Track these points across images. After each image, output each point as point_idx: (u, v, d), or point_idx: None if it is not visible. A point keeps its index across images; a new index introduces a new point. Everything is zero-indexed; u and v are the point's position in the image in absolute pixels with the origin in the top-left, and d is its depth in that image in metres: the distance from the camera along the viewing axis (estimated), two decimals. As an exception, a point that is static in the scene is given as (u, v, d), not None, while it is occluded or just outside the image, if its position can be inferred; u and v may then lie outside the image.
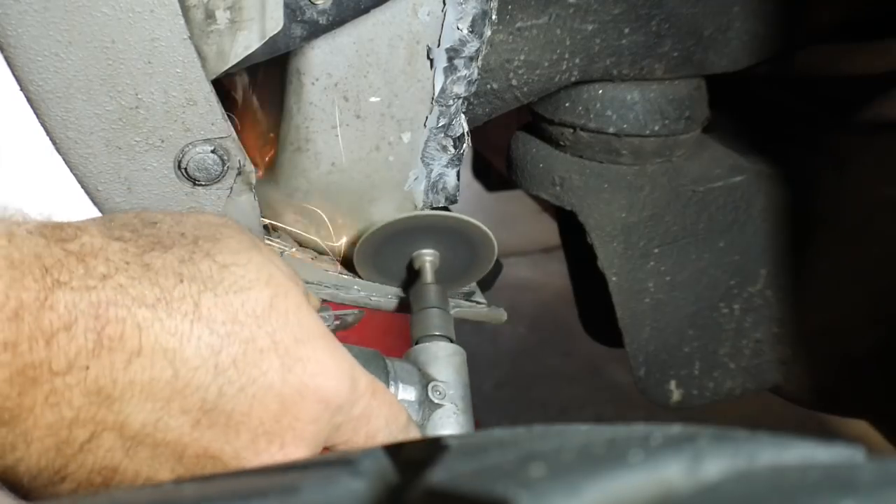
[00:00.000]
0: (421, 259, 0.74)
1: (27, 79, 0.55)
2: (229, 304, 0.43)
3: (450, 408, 0.60)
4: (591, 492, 0.24)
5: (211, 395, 0.42)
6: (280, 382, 0.44)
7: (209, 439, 0.42)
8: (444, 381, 0.61)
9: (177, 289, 0.42)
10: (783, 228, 0.90)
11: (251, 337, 0.43)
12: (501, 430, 0.32)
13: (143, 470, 0.42)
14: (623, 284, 0.86)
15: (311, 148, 0.68)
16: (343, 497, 0.28)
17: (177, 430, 0.41)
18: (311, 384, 0.45)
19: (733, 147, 0.90)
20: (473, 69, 0.67)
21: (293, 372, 0.44)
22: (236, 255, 0.45)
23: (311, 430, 0.45)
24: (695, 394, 0.95)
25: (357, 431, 0.49)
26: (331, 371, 0.46)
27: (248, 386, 0.43)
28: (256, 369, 0.43)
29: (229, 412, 0.42)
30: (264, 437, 0.44)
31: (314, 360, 0.45)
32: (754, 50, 0.79)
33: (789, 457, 0.27)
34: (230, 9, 0.57)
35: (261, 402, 0.43)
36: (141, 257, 0.42)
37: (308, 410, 0.45)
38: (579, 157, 0.82)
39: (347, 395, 0.47)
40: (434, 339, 0.65)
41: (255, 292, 0.44)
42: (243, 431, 0.43)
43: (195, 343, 0.41)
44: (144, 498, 0.32)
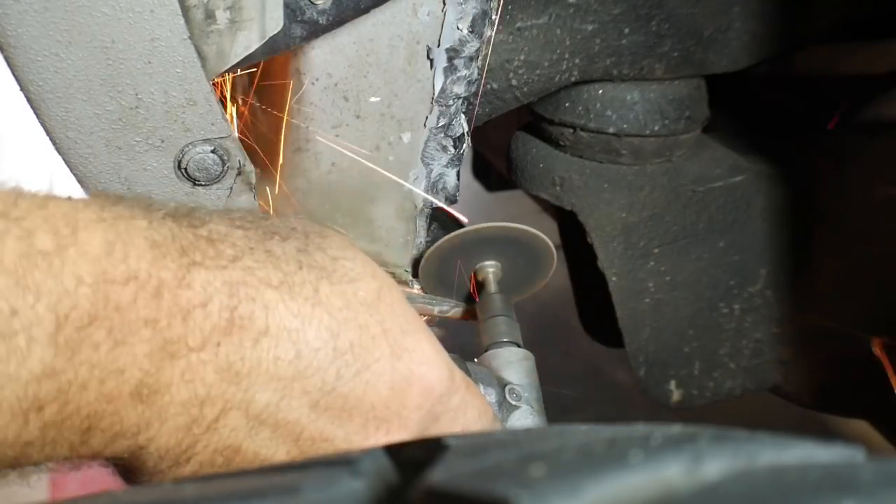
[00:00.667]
0: (484, 271, 0.76)
1: (27, 79, 0.55)
2: (343, 292, 0.44)
3: (526, 409, 0.62)
4: (591, 492, 0.24)
5: (329, 378, 0.43)
6: (390, 369, 0.45)
7: (325, 422, 0.43)
8: (519, 384, 0.63)
9: (297, 274, 0.43)
10: (783, 228, 0.90)
11: (365, 324, 0.45)
12: (501, 430, 0.32)
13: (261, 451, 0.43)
14: (623, 284, 0.86)
15: (311, 148, 0.68)
16: (343, 497, 0.28)
17: (297, 411, 0.42)
18: (417, 372, 0.46)
19: (733, 147, 0.90)
20: (473, 69, 0.67)
21: (402, 360, 0.46)
22: (344, 250, 0.47)
23: (415, 417, 0.46)
24: (695, 394, 0.95)
25: (455, 422, 0.50)
26: (434, 361, 0.47)
27: (362, 371, 0.44)
28: (370, 355, 0.44)
29: (345, 395, 0.43)
30: (374, 422, 0.45)
31: (419, 350, 0.47)
32: (754, 50, 0.79)
33: (789, 457, 0.27)
34: (230, 9, 0.57)
35: (373, 387, 0.44)
36: (263, 244, 0.44)
37: (414, 398, 0.46)
38: (579, 157, 0.82)
39: (448, 386, 0.48)
40: (504, 346, 0.67)
41: (365, 283, 0.46)
42: (356, 415, 0.44)
43: (316, 325, 0.43)
44: (144, 498, 0.32)
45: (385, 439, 0.45)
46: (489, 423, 0.53)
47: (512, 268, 0.77)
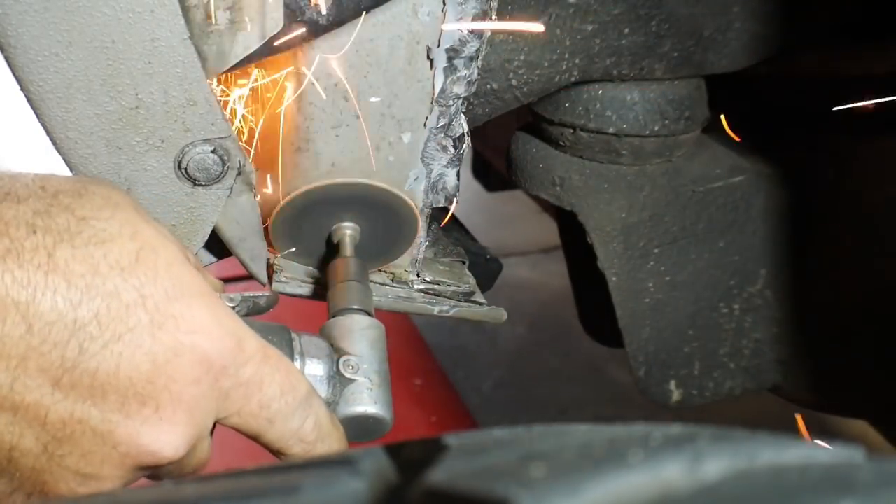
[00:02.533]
0: (340, 232, 0.70)
1: (27, 79, 0.55)
2: (89, 255, 0.40)
3: (363, 382, 0.56)
4: (591, 492, 0.24)
5: (71, 353, 0.39)
6: (150, 340, 0.41)
7: (73, 401, 0.40)
8: (358, 355, 0.58)
9: (29, 240, 0.39)
10: (783, 228, 0.90)
11: (115, 290, 0.40)
12: (501, 430, 0.32)
13: (5, 437, 0.39)
14: (623, 284, 0.87)
15: (311, 148, 0.68)
16: (343, 497, 0.28)
17: (36, 391, 0.39)
18: (187, 342, 0.42)
19: (733, 147, 0.90)
20: (473, 69, 0.67)
21: (164, 329, 0.41)
22: (99, 210, 0.43)
23: (191, 392, 0.42)
24: (695, 394, 0.95)
25: (249, 399, 0.46)
26: (209, 329, 0.43)
27: (112, 343, 0.40)
28: (122, 325, 0.40)
29: (93, 371, 0.40)
30: (135, 398, 0.41)
31: (189, 317, 0.42)
32: (754, 50, 0.79)
33: (789, 457, 0.27)
34: (230, 9, 0.57)
35: (129, 360, 0.40)
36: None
37: (185, 371, 0.42)
38: (579, 157, 0.82)
39: (232, 356, 0.44)
40: (350, 314, 0.62)
41: (118, 245, 0.42)
42: (111, 392, 0.40)
43: (50, 296, 0.39)
44: (144, 498, 0.32)
45: (155, 417, 0.41)
46: (298, 401, 0.48)
47: (372, 233, 0.71)
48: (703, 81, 0.83)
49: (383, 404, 0.57)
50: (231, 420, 0.46)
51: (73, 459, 0.41)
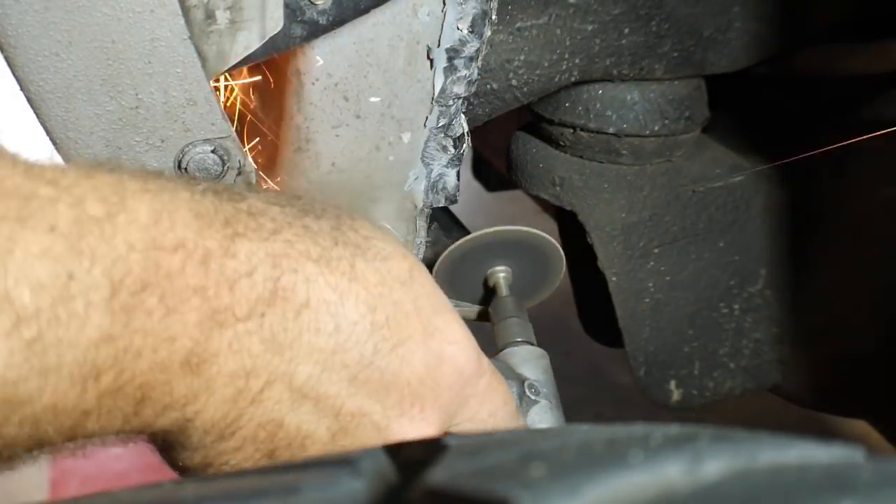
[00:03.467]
0: (495, 276, 0.76)
1: (27, 79, 0.55)
2: (378, 269, 0.45)
3: (545, 404, 0.62)
4: (591, 492, 0.24)
5: (367, 351, 0.43)
6: (423, 347, 0.45)
7: (363, 396, 0.44)
8: (537, 380, 0.64)
9: (334, 250, 0.44)
10: (783, 228, 0.90)
11: (399, 300, 0.45)
12: (501, 431, 0.32)
13: (303, 425, 0.43)
14: (623, 284, 0.87)
15: (311, 148, 0.68)
16: (343, 497, 0.28)
17: (337, 385, 0.43)
18: (448, 352, 0.47)
19: (733, 147, 0.90)
20: (473, 69, 0.67)
21: (433, 338, 0.46)
22: (374, 231, 0.47)
23: (447, 396, 0.47)
24: (695, 394, 0.95)
25: (481, 406, 0.50)
26: (463, 342, 0.48)
27: (398, 346, 0.44)
28: (404, 332, 0.45)
29: (382, 370, 0.44)
30: (409, 398, 0.45)
31: (450, 330, 0.47)
32: (754, 50, 0.79)
33: (789, 457, 0.27)
34: (230, 9, 0.57)
35: (409, 362, 0.45)
36: (300, 219, 0.44)
37: (446, 376, 0.46)
38: (579, 157, 0.82)
39: (476, 368, 0.49)
40: (519, 345, 0.68)
41: (397, 262, 0.46)
42: (393, 391, 0.44)
43: (353, 299, 0.43)
44: (144, 498, 0.32)
45: (419, 416, 0.45)
46: (512, 413, 0.53)
47: (522, 272, 0.78)
48: (703, 81, 0.83)
49: (562, 423, 0.63)
50: (461, 426, 0.51)
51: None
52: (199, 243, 0.38)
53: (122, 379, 0.37)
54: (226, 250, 0.39)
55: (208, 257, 0.39)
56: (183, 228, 0.38)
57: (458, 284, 0.77)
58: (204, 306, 0.38)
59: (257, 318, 0.40)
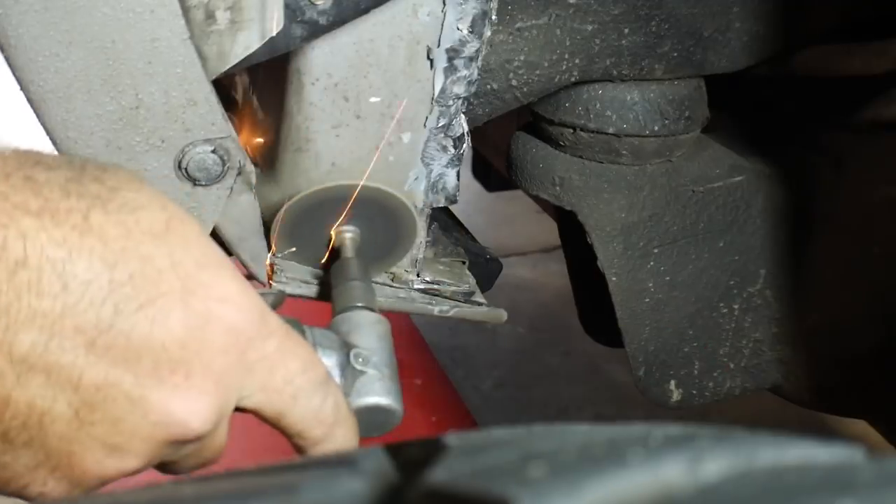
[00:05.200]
0: (341, 237, 0.71)
1: (27, 79, 0.55)
2: (122, 221, 0.40)
3: (374, 374, 0.57)
4: (591, 492, 0.24)
5: (106, 314, 0.38)
6: (182, 305, 0.40)
7: (107, 364, 0.39)
8: (367, 347, 0.58)
9: (63, 202, 0.38)
10: (783, 228, 0.90)
11: (149, 255, 0.40)
12: (501, 430, 0.32)
13: (36, 401, 0.38)
14: (623, 284, 0.87)
15: (311, 148, 0.68)
16: (343, 497, 0.28)
17: (71, 352, 0.38)
18: (217, 311, 0.41)
19: (733, 147, 0.90)
20: (473, 69, 0.67)
21: (196, 295, 0.41)
22: (128, 182, 0.42)
23: (220, 362, 0.42)
24: (695, 394, 0.95)
25: (273, 373, 0.45)
26: (237, 299, 0.43)
27: (146, 305, 0.39)
28: (155, 289, 0.39)
29: (127, 333, 0.39)
30: (167, 364, 0.40)
31: (219, 286, 0.42)
32: (754, 50, 0.79)
33: (789, 457, 0.27)
34: (230, 9, 0.57)
35: (162, 324, 0.40)
36: (22, 170, 0.39)
37: (215, 339, 0.41)
38: (579, 157, 0.82)
39: (258, 328, 0.43)
40: (356, 310, 0.63)
41: (150, 213, 0.41)
42: (144, 356, 0.39)
43: (87, 255, 0.38)
44: (144, 498, 0.32)
45: (185, 384, 0.41)
46: (319, 380, 0.48)
47: (372, 236, 0.73)
48: (703, 81, 0.83)
49: (395, 395, 0.57)
50: (254, 398, 0.45)
51: (103, 428, 0.40)
52: None
53: None
54: None
55: None
56: None
57: (302, 242, 0.72)
58: None
59: None
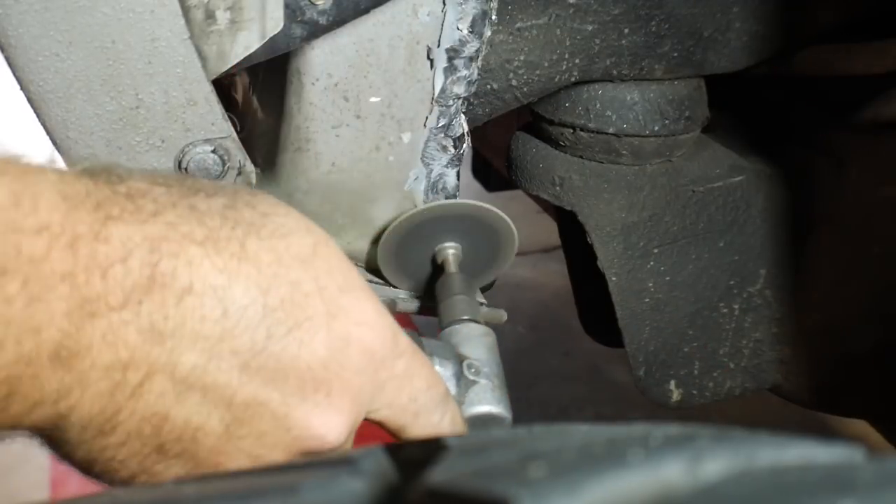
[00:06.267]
0: (443, 253, 0.73)
1: (27, 79, 0.55)
2: (274, 247, 0.42)
3: (486, 384, 0.59)
4: (591, 492, 0.24)
5: (260, 336, 0.41)
6: (325, 328, 0.43)
7: (258, 384, 0.41)
8: (478, 359, 0.61)
9: (223, 229, 0.41)
10: (783, 228, 0.90)
11: (297, 280, 0.42)
12: (501, 430, 0.32)
13: (192, 417, 0.40)
14: (623, 284, 0.87)
15: (311, 148, 0.68)
16: (343, 497, 0.28)
17: (227, 374, 0.40)
18: (356, 333, 0.44)
19: (733, 147, 0.90)
20: (473, 69, 0.67)
21: (337, 319, 0.43)
22: (275, 207, 0.44)
23: (357, 381, 0.44)
24: (695, 394, 0.95)
25: (401, 391, 0.47)
26: (374, 322, 0.45)
27: (295, 329, 0.42)
28: (302, 313, 0.42)
29: (278, 355, 0.41)
30: (312, 383, 0.42)
31: (358, 309, 0.44)
32: (754, 50, 0.79)
33: (789, 457, 0.27)
34: (230, 9, 0.57)
35: (308, 346, 0.42)
36: (186, 199, 0.41)
37: (354, 360, 0.44)
38: (579, 157, 0.82)
39: (391, 349, 0.46)
40: (462, 323, 0.65)
41: (298, 238, 0.43)
42: (291, 376, 0.42)
43: (244, 282, 0.40)
44: (144, 498, 0.32)
45: (326, 402, 0.43)
46: (440, 397, 0.50)
47: (473, 250, 0.74)
48: (703, 81, 0.83)
49: (505, 404, 0.59)
50: (381, 413, 0.48)
51: (249, 441, 0.42)
52: (66, 227, 0.36)
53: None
54: (97, 234, 0.37)
55: (77, 241, 0.36)
56: (48, 212, 0.36)
57: (406, 262, 0.74)
58: (73, 294, 0.36)
59: (134, 307, 0.37)
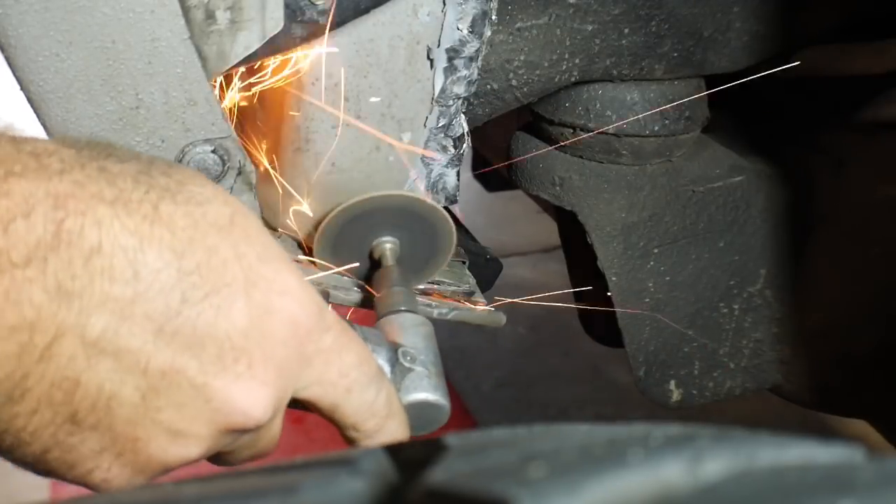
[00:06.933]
0: (381, 247, 0.73)
1: (27, 79, 0.55)
2: (190, 213, 0.41)
3: (421, 371, 0.58)
4: (591, 492, 0.24)
5: (174, 301, 0.40)
6: (245, 296, 0.42)
7: (174, 350, 0.40)
8: (414, 347, 0.60)
9: (135, 192, 0.40)
10: (783, 228, 0.90)
11: (214, 246, 0.41)
12: (501, 430, 0.32)
13: (105, 384, 0.39)
14: (623, 284, 0.87)
15: (311, 148, 0.68)
16: (343, 497, 0.28)
17: (140, 337, 0.39)
18: (278, 303, 0.43)
19: (733, 147, 0.90)
20: (473, 69, 0.67)
21: (258, 287, 0.42)
22: (193, 177, 0.43)
23: (281, 352, 0.43)
24: (695, 394, 0.95)
25: (329, 365, 0.46)
26: (297, 292, 0.44)
27: (212, 294, 0.41)
28: (220, 279, 0.41)
29: (194, 320, 0.40)
30: (231, 352, 0.41)
31: (280, 279, 0.43)
32: (754, 50, 0.79)
33: (789, 457, 0.27)
34: (230, 9, 0.57)
35: (226, 313, 0.41)
36: (96, 162, 0.40)
37: (276, 330, 0.43)
38: (579, 157, 0.82)
39: (317, 321, 0.45)
40: (399, 314, 0.64)
41: (215, 206, 0.42)
42: (209, 344, 0.41)
43: (157, 244, 0.39)
44: (144, 498, 0.32)
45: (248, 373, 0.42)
46: (373, 372, 0.49)
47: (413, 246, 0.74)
48: (703, 81, 0.83)
49: (442, 392, 0.59)
50: (311, 390, 0.47)
51: (167, 414, 0.41)
52: None
53: None
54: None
55: None
56: None
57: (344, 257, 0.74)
58: None
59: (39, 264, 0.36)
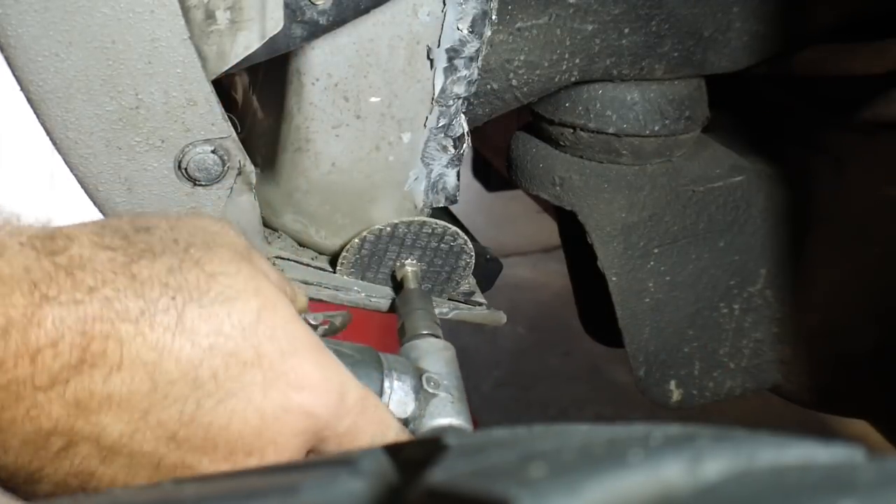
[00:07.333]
0: (403, 270, 0.76)
1: (27, 79, 0.55)
2: (215, 315, 0.43)
3: (445, 397, 0.60)
4: (591, 492, 0.24)
5: (188, 408, 0.42)
6: (261, 397, 0.43)
7: (185, 451, 0.42)
8: (438, 372, 0.62)
9: (161, 300, 0.41)
10: (783, 228, 0.90)
11: (235, 350, 0.43)
12: (501, 430, 0.32)
13: (119, 476, 0.42)
14: (623, 284, 0.86)
15: (311, 148, 0.68)
16: (343, 497, 0.28)
17: (152, 443, 0.41)
18: (296, 399, 0.44)
19: (733, 147, 0.90)
20: (473, 69, 0.67)
21: (276, 387, 0.44)
22: (226, 265, 0.44)
23: (294, 444, 0.45)
24: (695, 394, 0.95)
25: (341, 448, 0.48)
26: (317, 384, 0.45)
27: (226, 399, 0.42)
28: (237, 383, 0.43)
29: (206, 425, 0.42)
30: (242, 450, 0.43)
31: (301, 373, 0.45)
32: (754, 50, 0.79)
33: (789, 457, 0.27)
34: (230, 9, 0.57)
35: (240, 415, 0.43)
36: (129, 267, 0.42)
37: (291, 426, 0.44)
38: (579, 157, 0.82)
39: (335, 410, 0.46)
40: (422, 338, 0.66)
41: (242, 303, 0.44)
42: (221, 444, 0.43)
43: (175, 356, 0.41)
44: (144, 498, 0.32)
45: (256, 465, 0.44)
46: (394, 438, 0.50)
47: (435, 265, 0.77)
48: (703, 81, 0.83)
49: (465, 416, 0.61)
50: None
51: None
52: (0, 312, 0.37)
53: None
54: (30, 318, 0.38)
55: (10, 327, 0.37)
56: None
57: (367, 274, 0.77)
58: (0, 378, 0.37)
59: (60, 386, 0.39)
